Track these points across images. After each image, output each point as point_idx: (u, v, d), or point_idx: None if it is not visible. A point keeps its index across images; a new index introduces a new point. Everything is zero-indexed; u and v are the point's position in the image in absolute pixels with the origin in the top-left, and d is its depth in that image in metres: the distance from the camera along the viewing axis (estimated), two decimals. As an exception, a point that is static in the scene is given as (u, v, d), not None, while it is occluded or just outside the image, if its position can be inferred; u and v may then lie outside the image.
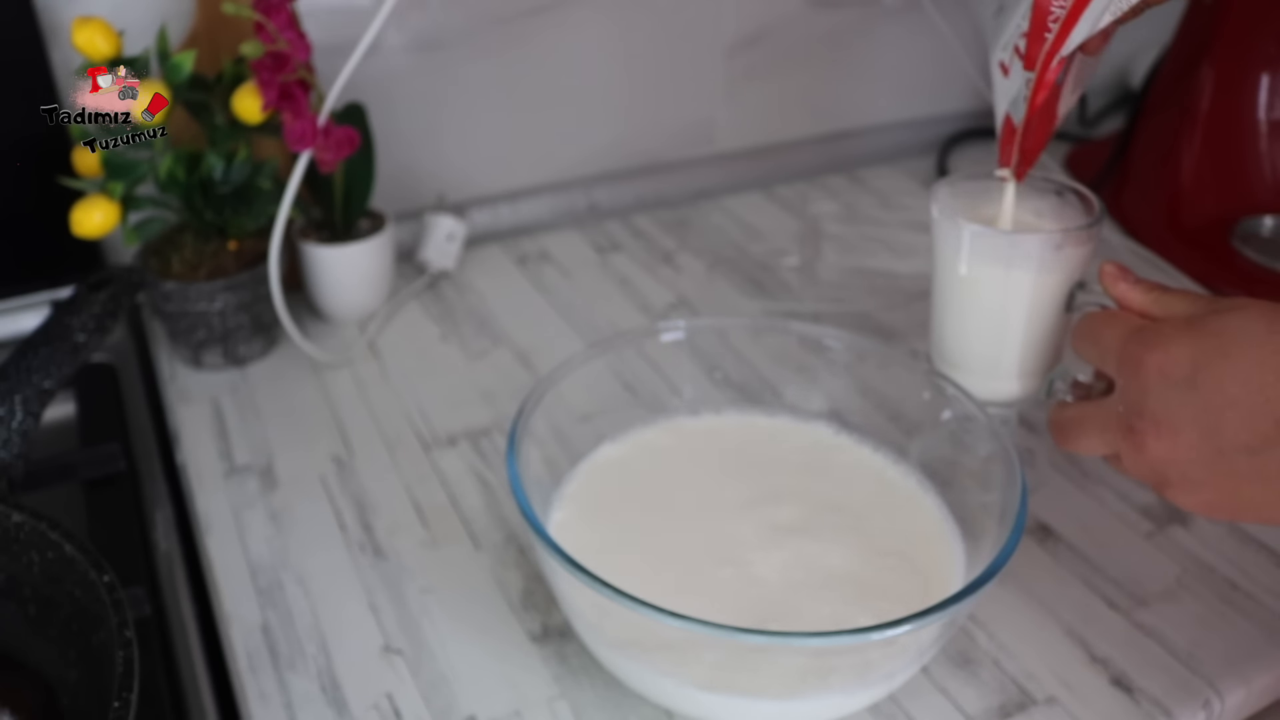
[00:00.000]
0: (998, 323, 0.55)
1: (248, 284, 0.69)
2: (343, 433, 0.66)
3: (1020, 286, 0.54)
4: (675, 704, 0.47)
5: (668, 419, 0.59)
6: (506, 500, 0.61)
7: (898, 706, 0.50)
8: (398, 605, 0.55)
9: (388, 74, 0.80)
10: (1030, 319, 0.55)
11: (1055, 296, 0.54)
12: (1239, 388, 0.41)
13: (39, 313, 0.72)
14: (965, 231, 0.54)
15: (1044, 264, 0.53)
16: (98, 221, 0.63)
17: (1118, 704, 0.50)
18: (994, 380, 0.57)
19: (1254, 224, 0.84)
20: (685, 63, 0.93)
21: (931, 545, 0.52)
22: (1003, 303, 0.55)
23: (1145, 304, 0.48)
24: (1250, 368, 0.41)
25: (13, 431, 0.55)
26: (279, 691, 0.50)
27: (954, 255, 0.55)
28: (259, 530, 0.59)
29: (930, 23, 0.96)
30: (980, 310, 0.56)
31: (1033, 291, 0.54)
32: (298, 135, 0.66)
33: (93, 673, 0.46)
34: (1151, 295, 0.48)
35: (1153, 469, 0.44)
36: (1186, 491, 0.44)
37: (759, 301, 0.80)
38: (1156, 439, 0.43)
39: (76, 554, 0.47)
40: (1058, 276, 0.53)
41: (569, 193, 0.93)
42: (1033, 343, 0.55)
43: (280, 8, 0.63)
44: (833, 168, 1.02)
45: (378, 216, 0.77)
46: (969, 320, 0.56)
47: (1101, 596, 0.56)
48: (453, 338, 0.76)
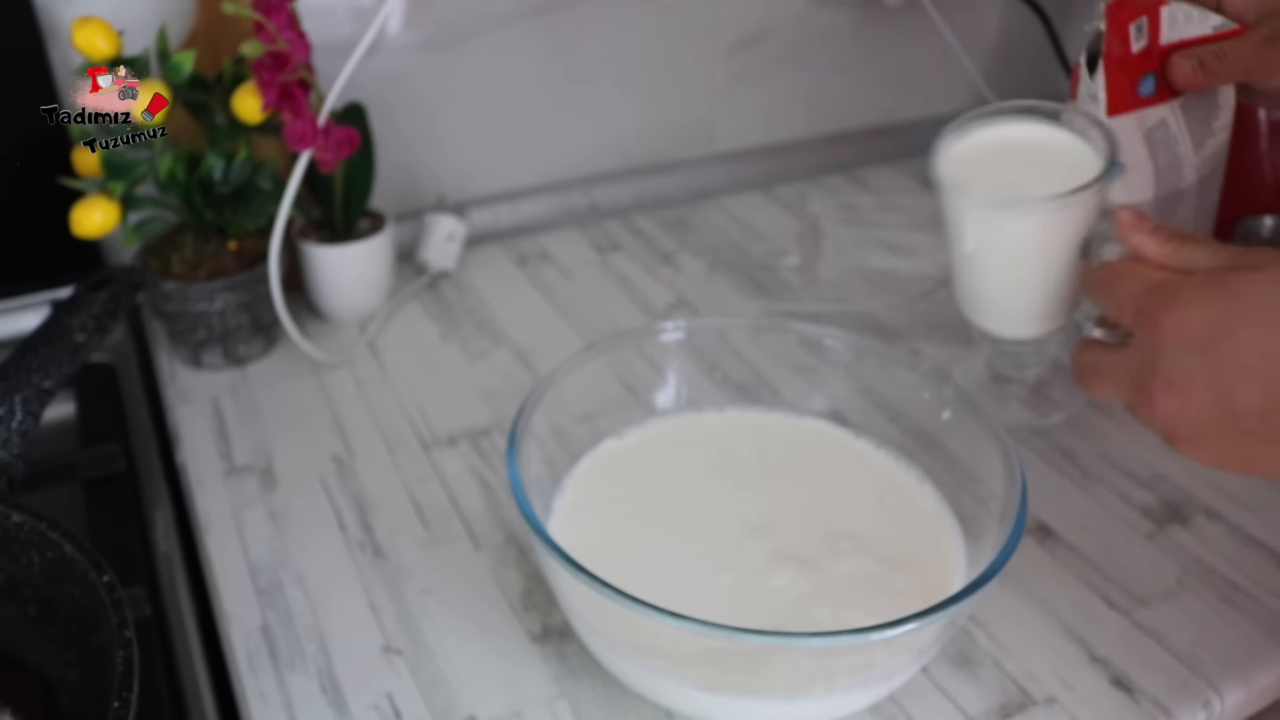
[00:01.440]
0: (1012, 276, 0.56)
1: (248, 284, 0.69)
2: (343, 433, 0.66)
3: (1029, 245, 0.54)
4: (675, 704, 0.47)
5: (668, 416, 0.59)
6: (506, 500, 0.61)
7: (898, 706, 0.50)
8: (398, 605, 0.55)
9: (388, 74, 0.80)
10: (1044, 272, 0.54)
11: (1067, 249, 0.53)
12: (1255, 355, 0.40)
13: (39, 313, 0.72)
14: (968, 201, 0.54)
15: (1047, 226, 0.52)
16: (98, 221, 0.63)
17: (1118, 704, 0.50)
18: (1016, 325, 0.58)
19: (1254, 224, 0.84)
20: (685, 63, 0.93)
21: (932, 545, 0.52)
22: (1013, 258, 0.54)
23: (1163, 255, 0.46)
24: (1268, 336, 0.40)
25: (13, 431, 0.55)
26: (279, 691, 0.50)
27: (960, 221, 0.55)
28: (259, 530, 0.59)
29: (930, 23, 0.96)
30: (992, 267, 0.56)
31: (1041, 249, 0.53)
32: (298, 135, 0.66)
33: (93, 673, 0.46)
34: (1170, 246, 0.45)
35: (1164, 423, 0.44)
36: (1196, 446, 0.43)
37: (759, 301, 0.80)
38: (1169, 397, 0.43)
39: (76, 554, 0.47)
40: (1065, 233, 0.53)
41: (569, 193, 0.93)
42: (1050, 293, 0.55)
43: (280, 8, 0.63)
44: (833, 168, 1.02)
45: (378, 216, 0.77)
46: (983, 276, 0.57)
47: (1101, 596, 0.56)
48: (453, 338, 0.76)
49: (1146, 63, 0.59)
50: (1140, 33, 0.58)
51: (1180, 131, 0.61)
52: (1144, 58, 0.59)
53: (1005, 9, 1.02)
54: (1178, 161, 0.62)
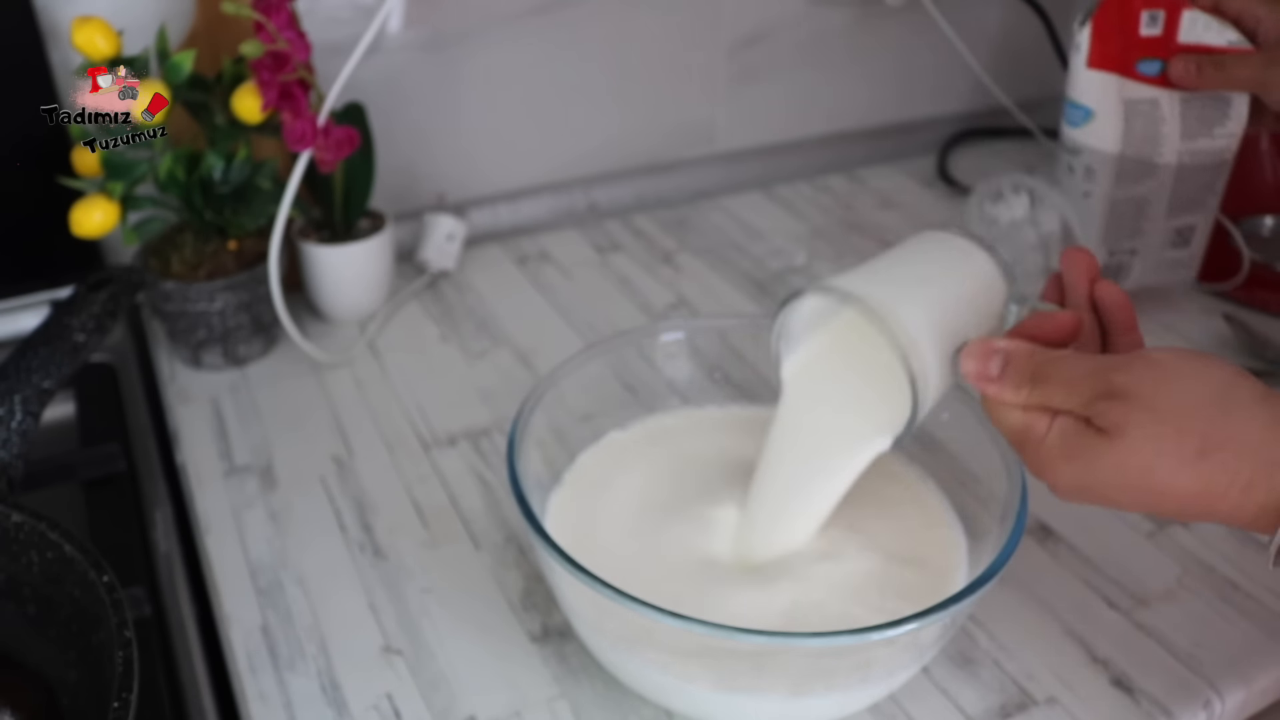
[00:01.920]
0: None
1: (247, 284, 0.69)
2: (343, 433, 0.66)
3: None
4: (675, 704, 0.47)
5: (667, 410, 0.59)
6: (506, 500, 0.61)
7: (898, 706, 0.49)
8: (398, 605, 0.55)
9: (388, 74, 0.80)
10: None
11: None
12: (1125, 502, 0.41)
13: (39, 313, 0.72)
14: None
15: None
16: (97, 221, 0.63)
17: (1118, 704, 0.50)
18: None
19: (1254, 224, 0.84)
20: (685, 63, 0.93)
21: (933, 545, 0.52)
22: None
23: (1017, 400, 0.42)
24: (1127, 500, 0.41)
25: (12, 431, 0.55)
26: (279, 691, 0.50)
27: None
28: (258, 530, 0.59)
29: (931, 22, 0.96)
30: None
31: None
32: (298, 135, 0.66)
33: (92, 673, 0.46)
34: (1023, 392, 0.42)
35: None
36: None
37: (759, 301, 0.80)
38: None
39: (76, 554, 0.47)
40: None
41: (569, 193, 0.93)
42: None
43: (280, 8, 0.63)
44: (833, 168, 1.02)
45: (378, 216, 0.77)
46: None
47: (1102, 596, 0.56)
48: (452, 338, 0.76)
49: (1155, 49, 0.69)
50: (1154, 21, 0.68)
51: (1171, 116, 0.70)
52: (1154, 43, 0.69)
53: (1005, 8, 1.02)
54: (1157, 137, 0.70)
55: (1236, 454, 0.38)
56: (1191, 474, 0.39)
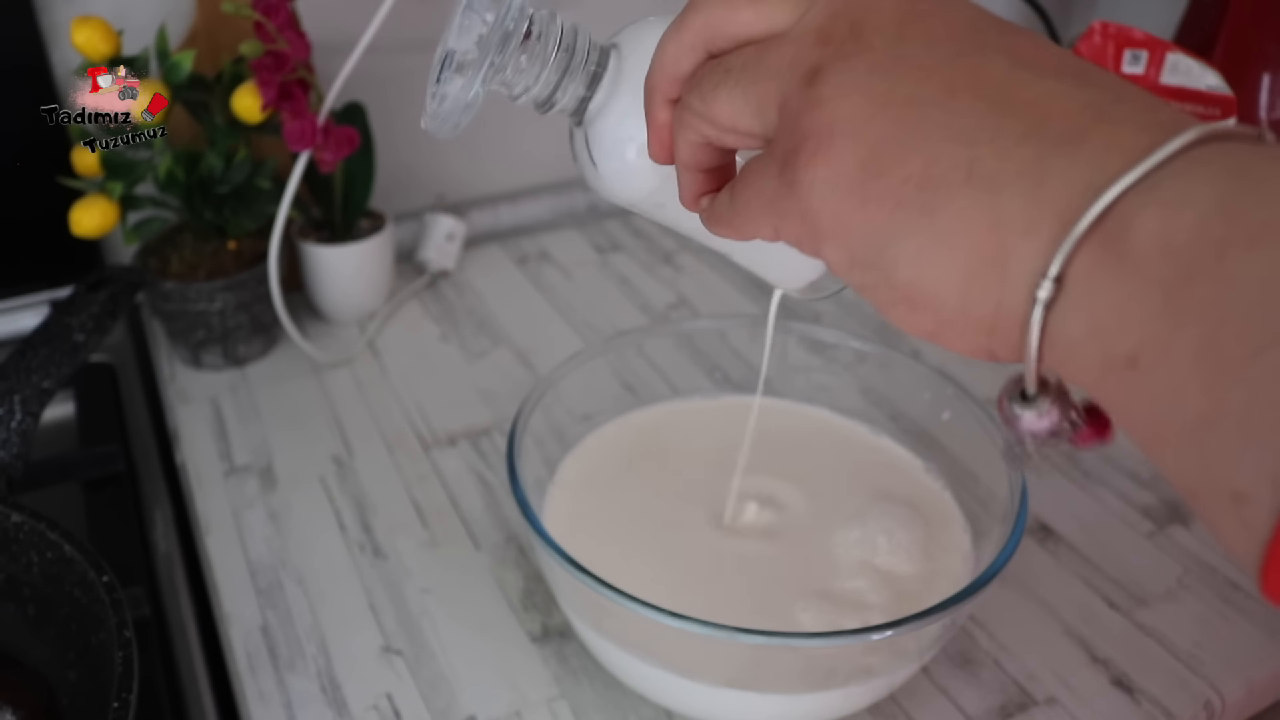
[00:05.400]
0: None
1: (247, 284, 0.69)
2: (342, 433, 0.66)
3: None
4: (675, 703, 0.47)
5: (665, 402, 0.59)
6: (506, 500, 0.61)
7: (898, 706, 0.49)
8: (398, 605, 0.55)
9: (388, 74, 0.80)
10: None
11: None
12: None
13: (39, 313, 0.72)
14: None
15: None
16: (97, 221, 0.63)
17: (1118, 704, 0.50)
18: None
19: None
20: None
21: (933, 545, 0.52)
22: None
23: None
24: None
25: (12, 431, 0.55)
26: (279, 691, 0.50)
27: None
28: (258, 530, 0.59)
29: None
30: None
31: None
32: (297, 135, 0.66)
33: (92, 673, 0.46)
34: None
35: (807, 208, 0.30)
36: (839, 234, 0.30)
37: (759, 301, 0.80)
38: (812, 156, 0.29)
39: (76, 554, 0.47)
40: None
41: (569, 193, 0.93)
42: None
43: (280, 7, 0.63)
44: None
45: (378, 216, 0.77)
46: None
47: (1102, 596, 0.56)
48: (452, 337, 0.76)
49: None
50: (1138, 60, 0.70)
51: None
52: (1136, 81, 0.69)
53: (1005, 8, 1.02)
54: None
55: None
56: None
